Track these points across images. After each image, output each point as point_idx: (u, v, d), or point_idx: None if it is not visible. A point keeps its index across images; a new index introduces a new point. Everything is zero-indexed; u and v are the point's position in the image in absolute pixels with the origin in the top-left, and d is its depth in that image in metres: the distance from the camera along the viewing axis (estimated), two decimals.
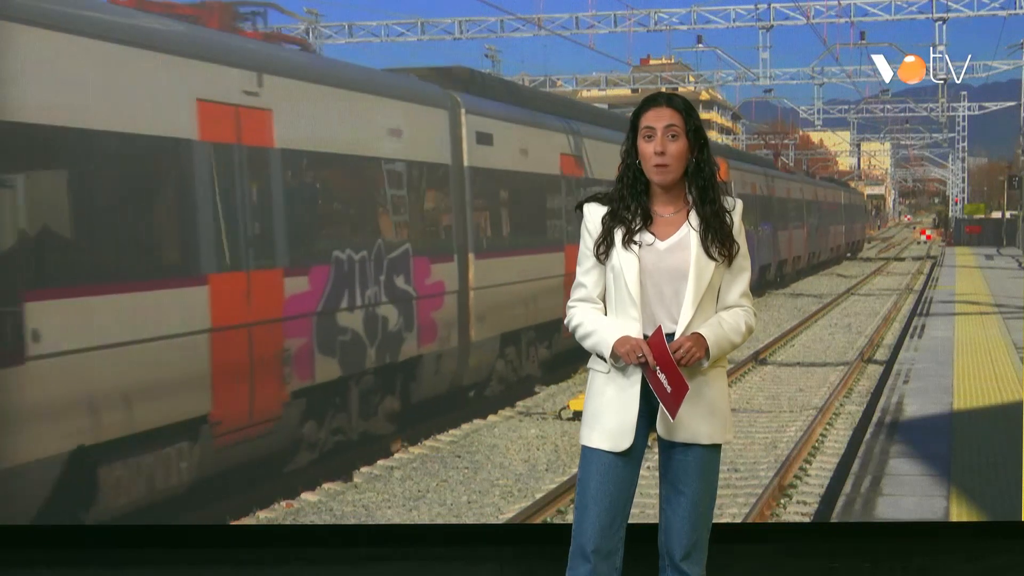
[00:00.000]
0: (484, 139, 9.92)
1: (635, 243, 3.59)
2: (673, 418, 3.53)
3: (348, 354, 8.27)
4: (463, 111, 9.69)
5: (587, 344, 3.64)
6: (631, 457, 3.63)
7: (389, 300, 8.63)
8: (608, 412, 3.61)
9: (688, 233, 3.60)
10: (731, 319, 3.62)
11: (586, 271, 3.68)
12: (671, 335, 3.54)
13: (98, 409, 6.32)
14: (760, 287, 13.92)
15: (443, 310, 9.34)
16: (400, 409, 8.78)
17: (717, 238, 3.59)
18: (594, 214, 3.66)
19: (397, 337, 8.68)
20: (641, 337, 3.53)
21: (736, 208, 3.65)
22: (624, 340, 3.53)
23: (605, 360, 3.60)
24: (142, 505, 6.65)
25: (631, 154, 3.64)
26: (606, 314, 3.66)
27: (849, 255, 16.31)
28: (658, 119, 3.58)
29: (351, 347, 8.30)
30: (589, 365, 3.70)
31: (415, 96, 9.44)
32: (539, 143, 10.75)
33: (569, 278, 3.58)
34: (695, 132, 3.59)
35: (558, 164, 10.94)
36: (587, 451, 3.66)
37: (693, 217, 3.62)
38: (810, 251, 15.26)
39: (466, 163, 9.63)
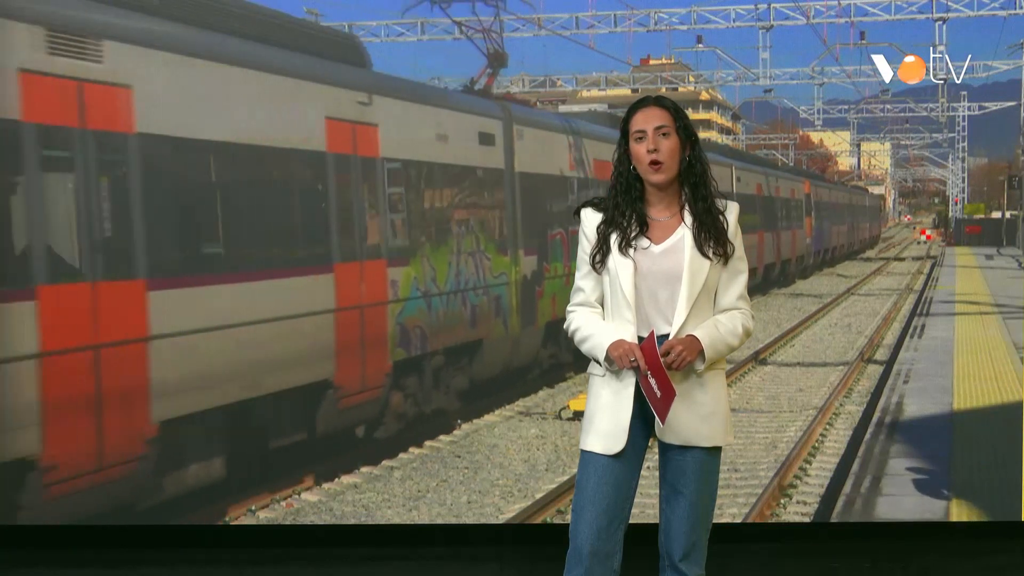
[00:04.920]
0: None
1: (631, 248, 3.59)
2: (663, 423, 3.52)
3: None
4: None
5: (584, 348, 3.64)
6: (628, 459, 3.63)
7: None
8: (602, 415, 3.62)
9: (683, 236, 3.60)
10: (728, 322, 3.62)
11: (584, 275, 3.68)
12: (665, 336, 3.54)
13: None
14: (778, 281, 16.20)
15: None
16: None
17: (711, 235, 3.59)
18: (591, 220, 3.66)
19: None
20: (636, 340, 3.53)
21: (730, 209, 3.64)
22: (617, 344, 3.53)
23: (600, 364, 3.60)
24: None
25: (623, 161, 3.64)
26: (604, 318, 3.66)
27: (870, 246, 19.06)
28: (647, 120, 3.59)
29: None
30: (588, 370, 3.70)
31: None
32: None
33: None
34: (684, 130, 3.60)
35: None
36: (584, 454, 3.66)
37: (688, 219, 3.62)
38: (847, 241, 18.49)
39: None
